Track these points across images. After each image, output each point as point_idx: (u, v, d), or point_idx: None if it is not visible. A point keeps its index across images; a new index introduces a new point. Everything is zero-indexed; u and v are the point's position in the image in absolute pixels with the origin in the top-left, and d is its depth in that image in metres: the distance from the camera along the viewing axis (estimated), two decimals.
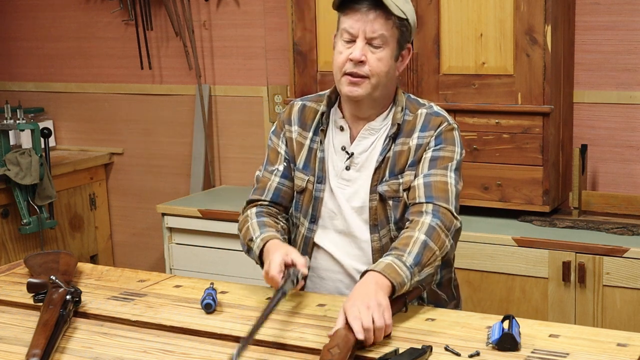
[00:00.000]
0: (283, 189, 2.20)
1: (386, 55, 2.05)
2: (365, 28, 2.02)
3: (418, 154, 2.08)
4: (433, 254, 1.95)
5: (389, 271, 1.86)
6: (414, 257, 1.91)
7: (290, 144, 2.21)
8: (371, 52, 2.04)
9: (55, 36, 4.58)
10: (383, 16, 2.02)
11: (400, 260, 1.89)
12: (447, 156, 2.08)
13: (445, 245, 1.99)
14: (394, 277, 1.85)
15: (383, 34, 2.03)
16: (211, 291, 1.98)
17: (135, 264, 4.43)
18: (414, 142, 2.09)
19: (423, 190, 2.03)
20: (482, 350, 1.68)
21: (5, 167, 3.85)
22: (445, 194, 2.03)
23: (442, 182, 2.04)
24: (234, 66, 4.12)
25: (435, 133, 2.09)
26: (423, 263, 1.92)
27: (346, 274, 2.14)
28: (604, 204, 3.23)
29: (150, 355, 1.75)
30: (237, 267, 3.59)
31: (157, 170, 4.42)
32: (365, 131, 2.13)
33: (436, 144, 2.08)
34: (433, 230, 1.96)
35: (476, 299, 3.11)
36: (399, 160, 2.09)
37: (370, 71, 2.04)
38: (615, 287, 2.91)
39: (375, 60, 2.04)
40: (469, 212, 3.29)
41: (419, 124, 2.10)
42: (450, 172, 2.06)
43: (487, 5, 3.12)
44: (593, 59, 3.35)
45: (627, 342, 1.71)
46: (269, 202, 2.20)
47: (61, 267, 2.17)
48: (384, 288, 1.83)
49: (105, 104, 4.51)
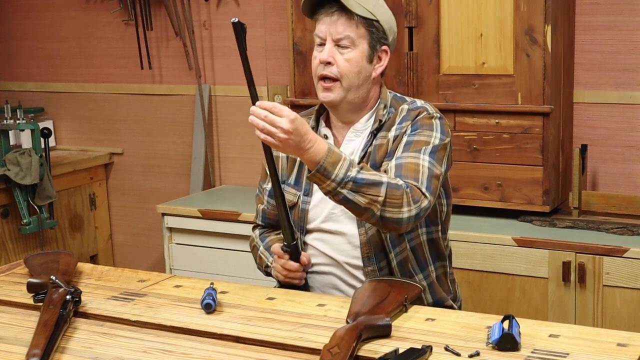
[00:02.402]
0: (268, 211, 2.31)
1: (355, 56, 2.09)
2: (331, 30, 2.08)
3: (394, 144, 2.10)
4: (375, 196, 1.89)
5: (332, 156, 1.87)
6: (361, 176, 1.89)
7: (277, 162, 2.25)
8: (339, 53, 2.09)
9: (55, 36, 4.58)
10: (346, 17, 2.07)
11: (352, 165, 1.89)
12: (422, 140, 2.07)
13: (400, 209, 1.92)
14: (333, 158, 1.87)
15: (349, 35, 2.07)
16: (211, 291, 1.98)
17: (135, 264, 4.43)
18: (392, 134, 2.11)
19: (394, 171, 2.02)
20: (482, 350, 1.68)
21: (5, 167, 3.85)
22: (416, 173, 1.99)
23: (414, 163, 2.02)
24: (234, 66, 4.12)
25: (411, 121, 2.10)
26: (361, 190, 1.89)
27: (340, 268, 2.17)
28: (604, 204, 3.23)
29: (150, 355, 1.75)
30: (237, 267, 3.59)
31: (157, 170, 4.42)
32: (351, 134, 2.17)
33: (412, 130, 2.09)
34: (399, 187, 1.92)
35: (476, 299, 3.11)
36: (379, 153, 2.11)
37: (339, 72, 2.08)
38: (615, 287, 2.91)
39: (343, 61, 2.08)
40: (469, 212, 3.29)
41: (398, 118, 2.13)
42: (423, 154, 2.03)
43: (487, 5, 3.12)
44: (593, 59, 3.35)
45: (627, 342, 1.71)
46: (262, 224, 2.34)
47: (61, 267, 2.17)
48: (316, 148, 1.87)
49: (105, 104, 4.51)
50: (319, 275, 2.19)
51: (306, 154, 1.88)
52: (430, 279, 2.18)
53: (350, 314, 1.80)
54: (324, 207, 2.16)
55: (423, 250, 2.17)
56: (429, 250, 2.18)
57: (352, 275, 2.15)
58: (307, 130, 1.88)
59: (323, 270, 2.19)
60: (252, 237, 2.36)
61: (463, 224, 3.19)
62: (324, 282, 2.19)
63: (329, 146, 1.90)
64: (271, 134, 1.86)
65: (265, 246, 2.27)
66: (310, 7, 2.12)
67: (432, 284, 2.19)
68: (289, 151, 1.91)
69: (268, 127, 1.85)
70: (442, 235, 2.21)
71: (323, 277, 2.19)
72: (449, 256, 2.27)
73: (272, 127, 1.85)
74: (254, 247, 2.32)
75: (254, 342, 1.78)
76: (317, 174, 1.88)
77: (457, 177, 3.22)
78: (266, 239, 2.29)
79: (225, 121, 4.19)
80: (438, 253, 2.21)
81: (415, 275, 2.15)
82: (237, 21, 1.91)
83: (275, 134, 1.85)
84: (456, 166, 3.14)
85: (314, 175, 1.89)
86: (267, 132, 1.86)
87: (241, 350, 1.76)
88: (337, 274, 2.18)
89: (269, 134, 1.86)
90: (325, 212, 2.16)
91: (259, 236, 2.32)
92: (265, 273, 2.28)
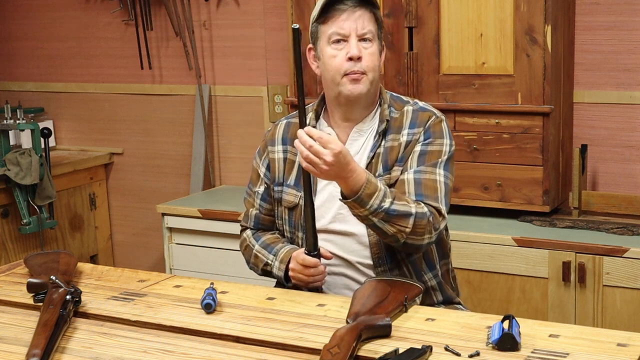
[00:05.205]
0: (261, 216, 2.31)
1: (376, 50, 2.11)
2: (356, 25, 2.08)
3: (407, 150, 2.11)
4: (404, 227, 1.97)
5: (370, 187, 1.92)
6: (394, 207, 1.95)
7: (273, 165, 2.24)
8: (364, 48, 2.09)
9: (55, 36, 4.58)
10: (368, 11, 2.09)
11: (386, 196, 1.94)
12: (437, 150, 2.10)
13: (422, 237, 2.00)
14: (370, 189, 1.92)
15: (371, 29, 2.10)
16: (211, 291, 1.98)
17: (135, 264, 4.43)
18: (404, 139, 2.12)
19: (413, 186, 2.06)
20: (482, 350, 1.68)
21: (5, 167, 3.85)
22: (435, 192, 2.06)
23: (432, 180, 2.07)
24: (234, 66, 4.12)
25: (424, 128, 2.12)
26: (391, 220, 1.96)
27: (352, 268, 2.16)
28: (604, 204, 3.23)
29: (150, 355, 1.75)
30: (237, 267, 3.59)
31: (157, 170, 4.42)
32: (355, 133, 2.17)
33: (425, 138, 2.11)
34: (424, 217, 1.99)
35: (476, 299, 3.11)
36: (391, 155, 2.12)
37: (366, 67, 2.09)
38: (615, 287, 2.91)
39: (368, 56, 2.09)
40: (469, 212, 3.29)
41: (406, 120, 2.14)
42: (439, 169, 2.09)
43: (487, 5, 3.12)
44: (593, 59, 3.35)
45: (627, 342, 1.71)
46: (253, 228, 2.33)
47: (61, 267, 2.17)
48: (355, 178, 1.91)
49: (105, 104, 4.51)
50: (330, 276, 2.17)
51: (344, 183, 1.93)
52: (438, 277, 2.20)
53: (350, 314, 1.80)
54: (329, 207, 2.15)
55: (432, 249, 2.18)
56: (436, 249, 2.20)
57: (365, 274, 2.15)
58: (349, 161, 1.91)
59: (334, 271, 2.17)
60: (243, 237, 2.33)
61: (463, 224, 3.19)
62: (336, 283, 2.18)
63: (367, 176, 1.94)
64: (314, 164, 1.90)
65: (261, 244, 2.25)
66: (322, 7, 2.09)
67: (440, 283, 2.21)
68: (327, 179, 1.97)
69: (312, 157, 1.89)
70: (446, 233, 2.24)
71: (334, 278, 2.18)
72: (449, 252, 2.28)
73: (316, 157, 1.88)
74: (246, 247, 2.30)
75: (254, 342, 1.78)
76: (353, 202, 1.93)
77: (457, 177, 3.21)
78: (261, 238, 2.28)
79: (225, 121, 4.19)
80: (443, 251, 2.23)
81: (425, 274, 2.16)
82: (297, 27, 1.94)
83: (317, 164, 1.89)
84: (456, 166, 3.13)
85: (348, 202, 1.94)
86: (310, 161, 1.90)
87: (241, 350, 1.76)
88: (349, 275, 2.17)
89: (312, 163, 1.90)
90: (331, 212, 2.16)
91: (252, 236, 2.30)
92: (262, 272, 2.26)
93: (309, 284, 2.11)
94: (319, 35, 2.12)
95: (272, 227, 2.31)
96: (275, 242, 2.25)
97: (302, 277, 2.11)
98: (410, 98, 2.22)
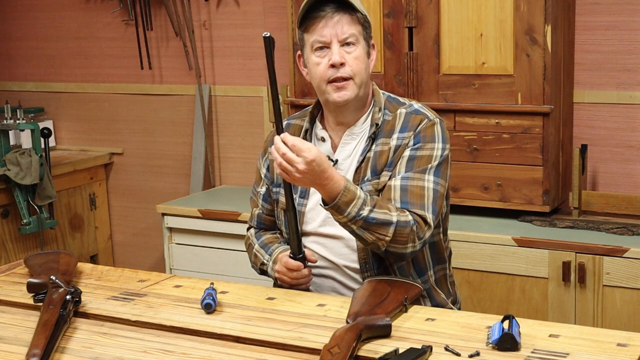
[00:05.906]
0: (263, 216, 2.33)
1: (360, 53, 2.09)
2: (336, 31, 2.06)
3: (397, 154, 2.09)
4: (383, 235, 1.96)
5: (347, 195, 1.92)
6: (372, 215, 1.94)
7: (272, 166, 2.25)
8: (347, 52, 2.08)
9: (55, 36, 4.58)
10: (347, 15, 2.07)
11: (365, 204, 1.94)
12: (426, 155, 2.07)
13: (405, 246, 1.99)
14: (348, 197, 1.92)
15: (353, 33, 2.08)
16: (211, 291, 1.98)
17: (135, 264, 4.43)
18: (394, 143, 2.10)
19: (399, 193, 2.04)
20: (482, 350, 1.68)
21: (5, 167, 3.85)
22: (422, 200, 2.03)
23: (419, 186, 2.04)
24: (234, 66, 4.13)
25: (414, 132, 2.10)
26: (370, 228, 1.95)
27: (339, 271, 2.16)
28: (604, 204, 3.22)
29: (150, 355, 1.75)
30: (237, 267, 3.59)
31: (157, 170, 4.42)
32: (347, 137, 2.16)
33: (415, 143, 2.09)
34: (407, 225, 1.98)
35: (476, 299, 3.11)
36: (380, 160, 2.11)
37: (351, 71, 2.07)
38: (615, 287, 2.91)
39: (353, 60, 2.08)
40: (469, 212, 3.29)
41: (398, 124, 2.12)
42: (428, 175, 2.06)
43: (487, 5, 3.12)
44: (593, 59, 3.35)
45: (627, 342, 1.71)
46: (256, 227, 2.36)
47: (61, 267, 2.17)
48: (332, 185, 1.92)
49: (105, 104, 4.51)
50: (318, 278, 2.18)
51: (322, 190, 1.94)
52: (429, 284, 2.17)
53: (350, 314, 1.80)
54: (319, 210, 2.15)
55: (423, 255, 2.16)
56: (429, 254, 2.18)
57: (352, 278, 2.15)
58: (325, 168, 1.91)
59: (322, 273, 2.18)
60: (247, 236, 2.37)
61: (463, 224, 3.19)
62: (323, 285, 2.18)
63: (345, 184, 1.94)
64: (287, 172, 1.91)
65: (260, 244, 2.27)
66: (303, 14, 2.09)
67: (430, 289, 2.18)
68: (302, 185, 2.01)
69: (284, 165, 1.91)
70: (443, 237, 2.21)
71: (322, 280, 2.18)
72: (448, 257, 2.26)
73: (289, 165, 1.90)
74: (249, 246, 2.33)
75: (254, 342, 1.78)
76: (331, 209, 1.95)
77: (457, 177, 3.22)
78: (261, 237, 2.30)
79: (225, 121, 4.19)
80: (439, 256, 2.20)
81: (414, 281, 2.15)
82: (268, 35, 1.94)
83: (291, 172, 1.91)
84: (456, 166, 3.15)
85: (327, 208, 1.95)
86: (284, 169, 1.92)
87: (241, 350, 1.76)
88: (336, 277, 2.17)
89: (285, 171, 1.92)
90: (321, 216, 2.16)
91: (254, 235, 2.33)
92: (260, 271, 2.27)
93: (293, 286, 2.13)
94: (304, 42, 2.12)
95: (274, 227, 2.32)
96: (272, 242, 2.26)
97: (286, 280, 2.13)
98: (407, 100, 2.20)
